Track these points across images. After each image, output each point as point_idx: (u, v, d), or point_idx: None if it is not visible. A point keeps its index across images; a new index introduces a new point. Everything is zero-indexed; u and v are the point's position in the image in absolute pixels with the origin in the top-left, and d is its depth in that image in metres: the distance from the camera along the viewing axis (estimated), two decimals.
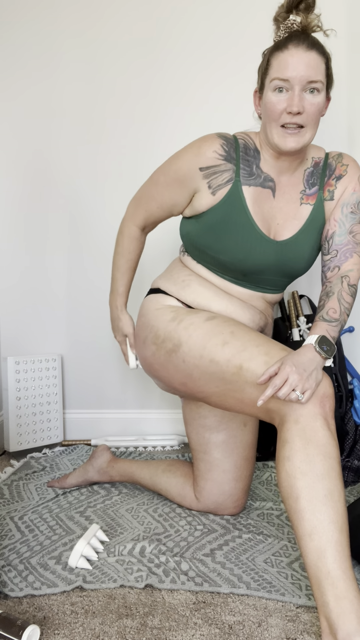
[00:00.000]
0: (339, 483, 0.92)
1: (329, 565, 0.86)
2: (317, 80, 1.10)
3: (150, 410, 2.05)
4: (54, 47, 1.93)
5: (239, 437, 1.34)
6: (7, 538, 1.27)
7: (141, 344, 1.29)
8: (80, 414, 2.06)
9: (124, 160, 1.96)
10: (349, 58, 1.87)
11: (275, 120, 1.13)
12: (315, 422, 0.96)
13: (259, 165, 1.22)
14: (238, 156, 1.20)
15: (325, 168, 1.25)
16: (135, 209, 1.35)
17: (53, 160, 1.98)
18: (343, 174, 1.24)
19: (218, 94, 1.91)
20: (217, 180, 1.19)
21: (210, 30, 1.89)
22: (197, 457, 1.37)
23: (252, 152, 1.22)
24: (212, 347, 1.13)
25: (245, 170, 1.20)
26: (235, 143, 1.21)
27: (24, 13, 1.93)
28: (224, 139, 1.20)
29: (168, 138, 1.94)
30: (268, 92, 1.14)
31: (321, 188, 1.24)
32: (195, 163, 1.19)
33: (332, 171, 1.25)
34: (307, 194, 1.24)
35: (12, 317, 2.04)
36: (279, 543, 1.23)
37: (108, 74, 1.93)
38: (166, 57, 1.91)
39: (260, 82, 1.19)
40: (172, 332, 1.20)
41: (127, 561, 1.14)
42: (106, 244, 2.00)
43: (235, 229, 1.19)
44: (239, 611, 0.99)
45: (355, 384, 1.82)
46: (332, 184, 1.24)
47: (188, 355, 1.16)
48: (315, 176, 1.25)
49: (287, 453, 0.95)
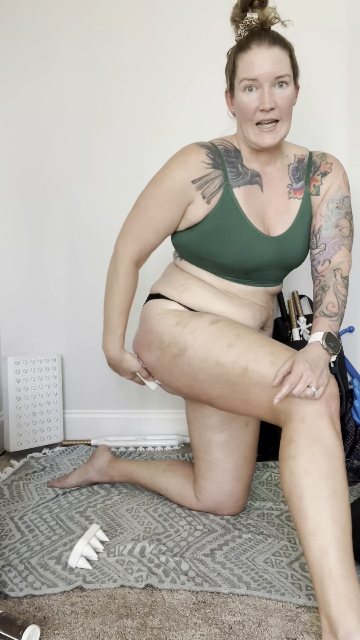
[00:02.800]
0: (343, 483, 0.93)
1: (331, 564, 0.87)
2: (284, 75, 1.13)
3: (150, 410, 2.05)
4: (50, 44, 1.93)
5: (241, 437, 1.34)
6: (7, 538, 1.27)
7: (145, 349, 1.29)
8: (80, 414, 2.06)
9: (123, 161, 1.96)
10: (349, 58, 1.87)
11: (250, 119, 1.16)
12: (322, 422, 0.96)
13: (242, 163, 1.24)
14: (222, 160, 1.22)
15: (310, 165, 1.28)
16: (127, 244, 1.28)
17: (50, 159, 1.98)
18: (328, 171, 1.27)
19: (218, 94, 1.91)
20: (210, 188, 1.20)
21: (210, 30, 1.89)
22: (197, 456, 1.37)
23: (233, 153, 1.24)
24: (217, 349, 1.13)
25: (232, 172, 1.22)
26: (215, 149, 1.22)
27: (20, 10, 1.93)
28: (205, 147, 1.21)
29: (166, 138, 1.94)
30: (238, 92, 1.16)
31: (307, 183, 1.27)
32: (186, 177, 1.19)
33: (317, 168, 1.28)
34: (294, 188, 1.26)
35: (12, 317, 2.04)
36: (279, 543, 1.23)
37: (106, 74, 1.93)
38: (167, 56, 1.91)
39: (229, 83, 1.21)
40: (177, 336, 1.21)
41: (127, 561, 1.14)
42: (106, 244, 2.00)
43: (233, 231, 1.20)
44: (239, 611, 0.99)
45: (355, 384, 1.82)
46: (317, 179, 1.27)
47: (194, 358, 1.17)
48: (300, 171, 1.27)
49: (292, 452, 0.95)
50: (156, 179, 1.23)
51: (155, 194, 1.23)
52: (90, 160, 1.97)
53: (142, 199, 1.26)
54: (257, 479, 1.63)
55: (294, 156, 1.28)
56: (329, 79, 1.88)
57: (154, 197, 1.23)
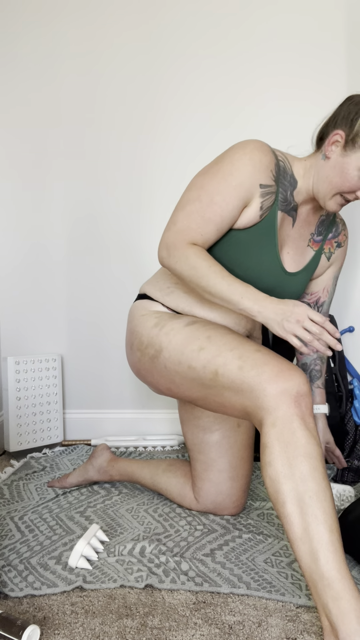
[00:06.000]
0: (323, 482, 0.91)
1: (323, 567, 0.86)
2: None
3: (150, 410, 2.05)
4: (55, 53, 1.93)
5: (233, 437, 1.34)
6: (7, 538, 1.27)
7: (129, 350, 1.29)
8: (80, 414, 2.06)
9: (123, 162, 1.96)
10: (348, 58, 1.87)
11: (343, 190, 1.11)
12: (292, 423, 0.94)
13: (292, 192, 1.18)
14: (278, 179, 1.15)
15: (332, 226, 1.30)
16: (186, 238, 1.11)
17: (54, 156, 1.98)
18: (342, 245, 1.33)
19: (221, 98, 1.91)
20: (268, 201, 1.13)
21: (214, 35, 1.89)
22: (193, 457, 1.37)
23: (289, 178, 1.16)
24: (189, 353, 1.11)
25: (282, 195, 1.16)
26: (277, 163, 1.15)
27: (24, 18, 1.93)
28: (274, 156, 1.13)
29: (165, 140, 1.94)
30: (353, 159, 1.07)
31: (324, 241, 1.29)
32: (256, 178, 1.10)
33: (337, 234, 1.31)
34: (315, 240, 1.27)
35: (12, 317, 2.04)
36: (279, 543, 1.23)
37: (106, 72, 1.93)
38: (167, 59, 1.91)
39: (349, 135, 1.08)
40: (154, 337, 1.19)
41: (127, 561, 1.14)
42: (106, 244, 2.00)
43: (262, 251, 1.17)
44: (239, 611, 0.99)
45: (355, 384, 1.82)
46: (333, 245, 1.30)
47: (169, 361, 1.15)
48: (324, 227, 1.28)
49: (268, 458, 0.94)
50: (223, 172, 1.09)
51: (223, 188, 1.09)
52: (95, 156, 1.97)
53: (205, 192, 1.10)
54: (257, 479, 1.63)
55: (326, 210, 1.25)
56: (328, 75, 1.88)
57: (221, 193, 1.09)
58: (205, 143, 1.93)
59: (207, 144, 1.93)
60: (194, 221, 1.11)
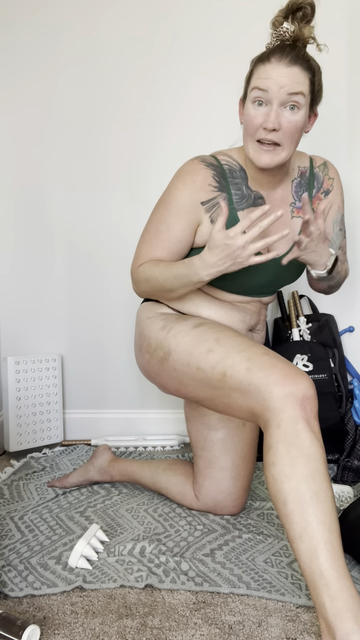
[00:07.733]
0: (325, 484, 0.92)
1: (322, 566, 0.86)
2: (297, 94, 1.07)
3: (150, 410, 2.05)
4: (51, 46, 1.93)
5: (237, 436, 1.35)
6: (7, 538, 1.27)
7: (138, 352, 1.31)
8: (80, 414, 2.06)
9: (122, 161, 1.96)
10: (349, 58, 1.87)
11: (252, 134, 1.12)
12: (297, 425, 0.96)
13: (247, 184, 1.21)
14: (227, 182, 1.19)
15: (312, 179, 1.26)
16: (137, 264, 1.23)
17: (50, 160, 1.98)
18: (330, 189, 1.27)
19: (218, 96, 1.91)
20: (217, 211, 1.18)
21: (210, 32, 1.89)
22: (196, 453, 1.38)
23: (238, 173, 1.21)
24: (197, 354, 1.13)
25: (236, 194, 1.20)
26: (221, 169, 1.20)
27: (21, 12, 1.93)
28: (212, 168, 1.19)
29: (163, 140, 1.94)
30: (248, 103, 1.12)
31: (310, 200, 1.24)
32: (195, 198, 1.17)
33: (320, 184, 1.27)
34: (298, 207, 1.25)
35: (12, 317, 2.04)
36: (279, 543, 1.23)
37: (105, 73, 1.93)
38: (166, 57, 1.91)
39: (244, 91, 1.17)
40: (162, 340, 1.21)
41: (127, 561, 1.14)
42: (105, 244, 2.00)
43: None
44: (239, 611, 0.99)
45: (355, 384, 1.82)
46: (321, 197, 1.27)
47: (177, 363, 1.17)
48: (303, 187, 1.25)
49: (271, 458, 0.96)
50: (164, 203, 1.20)
51: (165, 217, 1.19)
52: (91, 161, 1.97)
53: (152, 225, 1.22)
54: (257, 479, 1.64)
55: (298, 169, 1.25)
56: (328, 72, 1.88)
57: (164, 221, 1.19)
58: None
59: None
60: (144, 248, 1.22)
